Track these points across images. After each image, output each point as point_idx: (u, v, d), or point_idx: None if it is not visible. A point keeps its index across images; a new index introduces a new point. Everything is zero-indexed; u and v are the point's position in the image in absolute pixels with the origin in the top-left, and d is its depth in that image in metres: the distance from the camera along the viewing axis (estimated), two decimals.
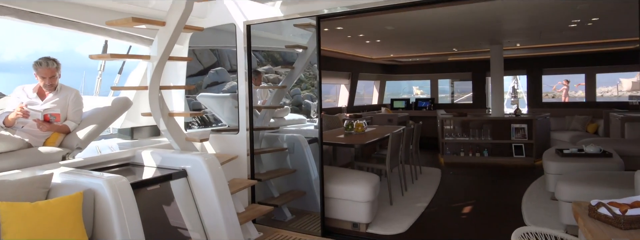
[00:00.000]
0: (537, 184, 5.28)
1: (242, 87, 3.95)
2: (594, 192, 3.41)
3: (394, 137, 4.48)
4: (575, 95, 16.99)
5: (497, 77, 7.13)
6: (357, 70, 9.24)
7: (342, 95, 9.39)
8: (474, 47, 7.47)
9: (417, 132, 5.83)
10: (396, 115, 8.29)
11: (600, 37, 6.52)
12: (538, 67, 9.16)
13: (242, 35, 3.92)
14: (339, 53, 7.74)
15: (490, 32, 5.80)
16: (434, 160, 7.35)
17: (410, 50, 7.82)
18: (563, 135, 7.89)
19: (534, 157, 6.89)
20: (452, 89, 11.49)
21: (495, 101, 7.18)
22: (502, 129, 7.02)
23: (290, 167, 4.41)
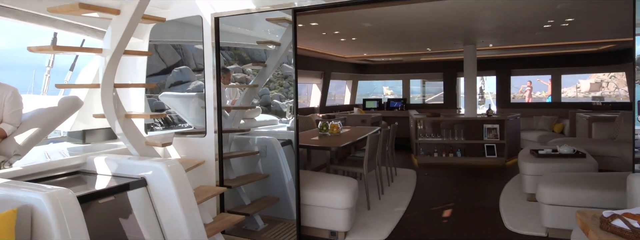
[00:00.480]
0: (511, 185, 5.25)
1: (209, 86, 3.61)
2: (576, 195, 3.35)
3: (371, 138, 4.29)
4: (538, 96, 17.64)
5: (470, 77, 7.13)
6: (330, 69, 9.03)
7: (314, 95, 9.14)
8: (448, 47, 7.44)
9: (393, 133, 5.68)
10: (369, 115, 8.14)
11: (568, 39, 6.64)
12: (507, 68, 9.29)
13: (209, 28, 3.59)
14: (311, 51, 7.49)
15: (466, 31, 5.75)
16: (407, 161, 7.26)
17: (384, 49, 7.69)
18: (531, 135, 8.03)
19: (506, 157, 6.94)
20: (424, 90, 11.52)
21: (468, 101, 7.18)
22: (475, 129, 7.02)
23: (263, 172, 4.11)
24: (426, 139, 7.22)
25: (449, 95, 9.89)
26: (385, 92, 17.75)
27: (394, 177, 5.74)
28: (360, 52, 8.15)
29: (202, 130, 3.64)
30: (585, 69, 8.73)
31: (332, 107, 9.69)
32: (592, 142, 5.84)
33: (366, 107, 10.32)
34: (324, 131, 5.32)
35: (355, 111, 9.52)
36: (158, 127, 8.61)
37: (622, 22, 5.29)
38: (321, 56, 8.31)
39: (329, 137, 5.05)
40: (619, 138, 5.74)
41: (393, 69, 10.32)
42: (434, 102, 13.24)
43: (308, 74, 8.50)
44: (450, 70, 9.77)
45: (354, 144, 4.72)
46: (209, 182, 3.58)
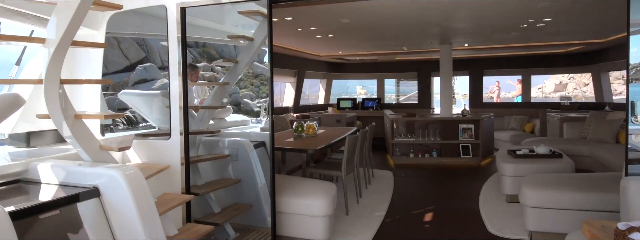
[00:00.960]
0: (489, 186, 5.19)
1: (174, 84, 3.27)
2: (560, 197, 3.26)
3: (350, 140, 4.07)
4: (506, 96, 18.10)
5: (446, 77, 7.07)
6: (304, 67, 8.78)
7: (287, 94, 8.86)
8: (424, 47, 7.36)
9: (370, 134, 5.51)
10: (344, 115, 7.96)
11: (541, 40, 6.69)
12: (479, 69, 9.37)
13: (174, 20, 3.24)
14: (285, 48, 7.21)
15: (443, 29, 5.65)
16: (383, 162, 7.12)
17: (360, 48, 7.52)
18: (503, 134, 8.10)
19: (481, 157, 6.92)
20: (398, 89, 11.48)
21: (444, 101, 7.12)
22: (450, 129, 6.96)
23: (233, 177, 3.81)
24: (402, 140, 7.11)
25: (423, 95, 9.86)
26: (358, 91, 17.68)
27: (371, 178, 5.56)
28: (336, 50, 7.95)
29: (167, 132, 3.30)
30: (554, 69, 8.92)
31: (306, 106, 9.44)
32: (564, 142, 5.89)
33: (341, 107, 10.14)
34: (300, 132, 5.06)
35: (330, 111, 9.31)
36: (121, 128, 8.10)
37: (596, 23, 5.37)
38: (295, 54, 8.04)
39: (304, 139, 4.80)
40: (590, 137, 5.81)
41: (368, 68, 10.20)
42: (407, 101, 13.26)
43: (281, 72, 8.21)
44: (424, 70, 9.76)
45: (331, 145, 4.49)
46: (174, 189, 3.24)
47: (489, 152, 7.30)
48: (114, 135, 4.02)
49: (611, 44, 6.88)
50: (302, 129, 5.05)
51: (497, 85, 15.57)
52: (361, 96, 11.99)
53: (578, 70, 8.58)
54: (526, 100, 9.20)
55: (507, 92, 16.09)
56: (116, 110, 5.47)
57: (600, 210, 3.12)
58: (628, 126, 2.45)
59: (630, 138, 2.48)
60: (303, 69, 8.74)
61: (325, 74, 9.99)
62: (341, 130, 5.77)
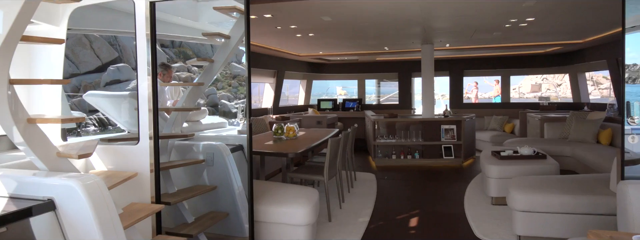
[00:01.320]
0: (473, 188, 5.12)
1: (143, 84, 3.01)
2: (549, 200, 3.18)
3: (333, 143, 3.90)
4: (484, 96, 18.33)
5: (427, 77, 7.00)
6: (283, 68, 8.57)
7: (266, 95, 8.63)
8: (406, 47, 7.27)
9: (353, 136, 5.35)
10: (325, 116, 7.79)
11: (521, 41, 6.71)
12: (460, 69, 9.38)
13: (143, 15, 2.99)
14: (264, 48, 6.99)
15: (425, 29, 5.55)
16: (365, 164, 6.98)
17: (341, 48, 7.37)
18: (484, 135, 8.11)
19: (463, 158, 6.88)
20: (379, 90, 11.41)
21: (426, 102, 7.05)
22: (432, 130, 6.90)
23: (209, 184, 3.57)
24: (384, 141, 6.99)
25: (404, 95, 9.81)
26: (338, 92, 17.57)
27: (353, 182, 5.41)
28: (316, 50, 7.78)
29: (135, 136, 3.04)
30: (532, 70, 9.01)
31: (285, 107, 9.23)
32: (546, 142, 5.89)
33: (321, 108, 9.97)
34: (279, 135, 4.86)
35: (310, 112, 9.13)
36: (92, 130, 7.58)
37: (576, 24, 5.38)
38: (274, 53, 7.82)
39: (284, 142, 4.60)
40: (571, 138, 5.83)
41: (348, 69, 10.07)
42: (387, 102, 13.22)
43: (260, 72, 7.98)
44: (405, 70, 9.70)
45: (312, 148, 4.30)
46: (142, 198, 2.99)
47: (471, 152, 7.27)
48: (79, 140, 3.73)
49: (588, 45, 6.96)
50: (282, 131, 4.85)
51: (475, 86, 15.75)
52: (342, 97, 11.88)
53: (555, 71, 8.70)
54: (505, 100, 9.26)
55: (484, 92, 16.32)
56: (88, 113, 5.13)
57: (591, 214, 3.06)
58: (624, 127, 2.36)
59: (627, 140, 2.39)
60: (282, 69, 8.53)
61: (305, 74, 9.81)
62: (322, 132, 5.60)
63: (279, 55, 8.04)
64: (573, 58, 8.00)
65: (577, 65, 8.03)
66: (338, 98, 10.26)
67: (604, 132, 5.50)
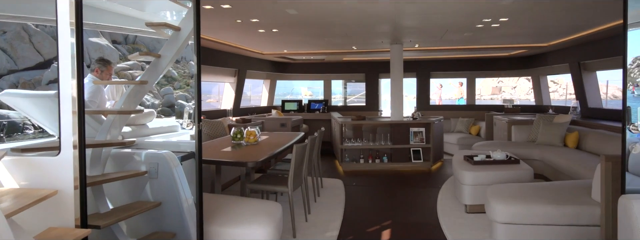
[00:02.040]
0: (445, 194, 4.88)
1: (65, 82, 2.46)
2: (532, 212, 2.94)
3: (298, 150, 3.49)
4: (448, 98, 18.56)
5: (396, 78, 6.75)
6: (245, 66, 8.05)
7: (226, 95, 8.07)
8: (375, 46, 6.98)
9: (319, 140, 4.97)
10: (289, 118, 7.36)
11: (491, 43, 6.61)
12: (427, 71, 9.26)
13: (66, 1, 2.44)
14: (224, 44, 6.46)
15: (396, 28, 5.27)
16: (332, 169, 6.63)
17: (307, 46, 6.97)
18: (450, 137, 8.00)
19: (432, 161, 6.69)
20: (345, 91, 11.12)
21: (394, 104, 6.79)
22: (401, 133, 6.66)
23: (152, 199, 3.05)
24: (351, 145, 6.67)
25: (371, 97, 9.57)
26: (303, 92, 17.16)
27: (320, 189, 5.02)
28: (280, 48, 7.33)
29: (55, 145, 2.49)
30: (497, 73, 9.03)
31: (247, 109, 8.71)
32: (514, 146, 5.79)
33: (285, 109, 9.53)
34: (238, 140, 4.38)
35: (274, 114, 8.67)
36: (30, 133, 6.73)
37: (546, 26, 5.29)
38: (235, 51, 7.30)
39: (244, 148, 4.13)
40: (539, 141, 5.75)
41: (314, 69, 9.70)
42: (354, 103, 12.98)
43: (220, 71, 7.43)
44: (372, 71, 9.47)
45: (275, 155, 3.87)
46: (64, 221, 2.44)
47: (439, 156, 7.11)
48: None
49: (552, 48, 6.99)
50: (242, 135, 4.38)
51: (439, 87, 15.88)
52: (307, 97, 11.49)
53: (519, 73, 8.77)
54: (470, 102, 9.24)
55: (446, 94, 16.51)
56: None
57: (576, 225, 2.84)
58: (624, 135, 2.12)
59: (629, 149, 2.15)
60: (244, 68, 8.02)
61: (268, 74, 9.33)
62: (286, 136, 5.17)
63: (240, 52, 7.52)
64: (536, 61, 8.07)
65: (540, 69, 8.10)
66: (303, 99, 9.85)
67: (571, 135, 5.46)
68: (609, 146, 4.81)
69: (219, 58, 7.11)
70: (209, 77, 7.17)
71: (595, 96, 6.64)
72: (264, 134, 5.34)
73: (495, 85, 18.39)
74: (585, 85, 6.60)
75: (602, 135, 5.07)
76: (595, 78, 6.63)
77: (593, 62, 6.41)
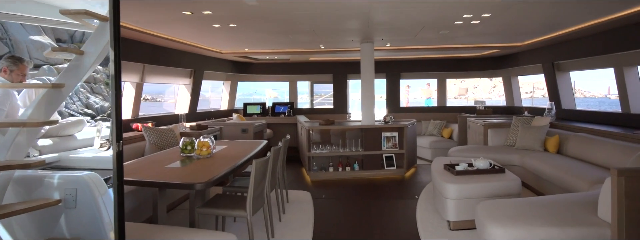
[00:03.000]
0: (423, 206, 4.45)
1: None
2: (534, 234, 2.52)
3: (259, 166, 2.90)
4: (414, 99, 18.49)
5: (367, 79, 6.28)
6: (202, 66, 7.33)
7: (181, 98, 7.31)
8: (344, 45, 6.48)
9: (284, 150, 4.40)
10: (252, 123, 6.71)
11: (466, 42, 6.29)
12: (396, 71, 8.90)
13: None
14: (176, 42, 5.74)
15: (368, 23, 4.78)
16: (299, 179, 6.06)
17: (270, 44, 6.36)
18: (422, 140, 7.66)
19: (405, 168, 6.28)
20: (312, 93, 10.57)
21: (366, 107, 6.32)
22: (373, 138, 6.20)
23: (69, 235, 2.38)
24: (320, 152, 6.14)
25: (339, 99, 9.09)
26: (268, 94, 16.47)
27: (285, 205, 4.45)
28: (240, 46, 6.68)
29: None
30: (468, 73, 8.80)
31: (205, 113, 7.97)
32: (492, 150, 5.46)
33: (247, 113, 8.86)
34: (188, 152, 3.73)
35: (235, 118, 7.99)
36: None
37: (524, 25, 5.01)
38: (191, 49, 6.58)
39: (194, 163, 3.48)
40: (518, 145, 5.46)
41: (279, 69, 9.09)
42: (321, 106, 12.48)
43: (173, 71, 6.67)
44: (340, 72, 9.00)
45: (232, 171, 3.25)
46: None
47: (412, 161, 6.72)
48: None
49: (525, 48, 6.79)
50: (192, 147, 3.73)
51: (407, 89, 15.73)
52: (271, 99, 10.85)
53: (490, 74, 8.58)
54: (441, 104, 8.97)
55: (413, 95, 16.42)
56: None
57: None
58: None
59: None
60: (201, 68, 7.29)
61: (228, 75, 8.62)
62: (247, 146, 4.55)
63: (196, 51, 6.80)
64: (507, 62, 7.89)
65: (511, 69, 7.93)
66: (267, 101, 9.21)
67: (551, 139, 5.20)
68: (593, 151, 4.56)
69: (171, 57, 6.37)
70: (159, 78, 6.40)
71: (569, 97, 6.48)
72: (221, 143, 4.70)
73: (460, 85, 18.56)
74: (559, 86, 6.42)
75: (584, 139, 4.83)
76: (568, 79, 6.48)
77: (567, 63, 6.24)
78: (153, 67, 6.04)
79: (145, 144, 4.77)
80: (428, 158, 7.62)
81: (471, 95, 27.43)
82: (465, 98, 24.29)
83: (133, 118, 5.84)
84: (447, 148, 7.47)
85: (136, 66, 5.69)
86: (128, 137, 4.82)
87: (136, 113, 5.94)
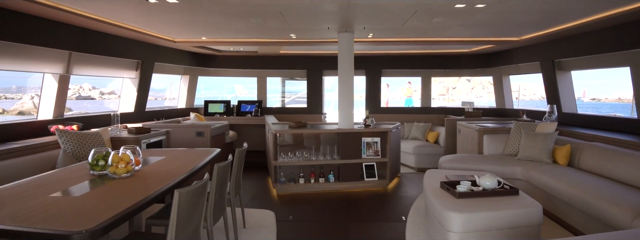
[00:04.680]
0: (414, 232, 3.58)
1: None
2: None
3: (185, 200, 1.91)
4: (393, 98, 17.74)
5: (345, 74, 5.35)
6: (152, 58, 6.22)
7: (126, 94, 6.18)
8: (319, 34, 5.51)
9: (240, 162, 3.41)
10: (209, 125, 5.66)
11: (459, 34, 5.46)
12: (377, 68, 8.04)
13: None
14: (116, 26, 4.62)
15: (348, 7, 3.85)
16: (263, 193, 5.09)
17: (231, 31, 5.32)
18: (405, 145, 6.83)
19: (388, 179, 5.41)
20: (284, 90, 9.58)
21: (343, 107, 5.40)
22: (352, 144, 5.29)
23: None
24: (289, 160, 5.18)
25: (314, 98, 8.14)
26: (239, 91, 15.30)
27: (240, 232, 3.48)
28: (195, 33, 5.61)
29: None
30: (455, 71, 8.03)
31: (157, 112, 6.85)
32: (490, 161, 4.66)
33: (209, 112, 7.79)
34: (100, 169, 2.69)
35: (193, 118, 6.91)
36: None
37: (529, 16, 4.22)
38: (136, 36, 5.47)
39: (104, 186, 2.44)
40: (521, 156, 4.67)
41: (246, 63, 8.05)
42: (294, 104, 11.51)
43: (113, 62, 5.55)
44: (315, 67, 8.05)
45: (150, 202, 2.23)
46: None
47: (396, 171, 5.86)
48: None
49: (521, 44, 6.04)
50: (105, 163, 2.68)
51: (386, 87, 14.93)
52: (238, 97, 9.77)
53: (480, 72, 7.83)
54: (425, 104, 8.17)
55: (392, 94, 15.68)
56: None
57: None
58: None
59: None
60: (151, 59, 6.18)
61: (187, 68, 7.52)
62: (190, 158, 3.52)
63: (143, 39, 5.70)
64: (499, 59, 7.15)
65: (503, 68, 7.20)
66: (232, 99, 8.14)
67: (562, 149, 4.42)
68: (612, 165, 3.81)
69: (110, 45, 5.24)
70: (93, 70, 5.27)
71: (570, 99, 5.78)
72: (157, 154, 3.66)
73: (439, 84, 17.97)
74: (560, 87, 5.70)
75: (600, 150, 4.07)
76: (570, 79, 5.77)
77: (569, 61, 5.52)
78: (83, 56, 4.90)
79: (59, 153, 3.68)
80: (411, 165, 6.80)
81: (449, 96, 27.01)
82: (445, 99, 23.75)
83: (55, 118, 4.69)
84: (433, 154, 6.69)
85: (59, 54, 4.55)
86: (37, 144, 3.71)
87: (60, 112, 4.79)
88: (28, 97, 28.93)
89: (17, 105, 27.22)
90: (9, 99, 32.12)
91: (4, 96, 33.17)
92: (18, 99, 30.06)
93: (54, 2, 3.64)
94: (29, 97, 29.13)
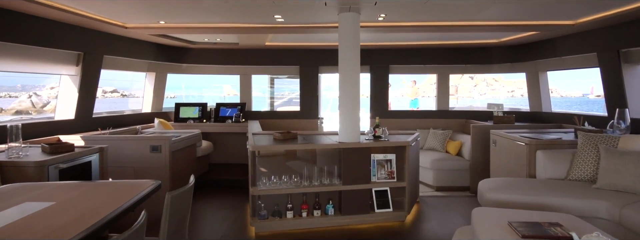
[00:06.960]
0: None
1: None
2: None
3: None
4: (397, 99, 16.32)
5: (349, 68, 3.96)
6: (100, 49, 4.84)
7: (65, 95, 4.79)
8: (313, 17, 4.11)
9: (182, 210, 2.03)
10: (169, 137, 4.27)
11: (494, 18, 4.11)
12: (384, 63, 6.69)
13: None
14: (48, 7, 3.23)
15: None
16: (236, 232, 3.72)
17: (197, 12, 3.91)
18: (421, 158, 5.44)
19: (407, 210, 4.06)
20: (272, 90, 8.20)
21: (347, 113, 4.01)
22: (358, 163, 3.93)
23: None
24: (273, 186, 3.81)
25: (308, 99, 6.77)
26: (226, 91, 13.78)
27: None
28: (152, 16, 4.24)
29: None
30: (479, 67, 6.69)
31: (110, 118, 5.45)
32: (556, 189, 3.29)
33: (181, 117, 6.40)
34: None
35: (157, 125, 5.53)
36: None
37: None
38: (75, 20, 4.10)
39: None
40: (602, 184, 3.30)
41: (226, 58, 6.67)
42: (284, 107, 10.17)
43: (42, 54, 4.17)
44: (309, 62, 6.69)
45: None
46: None
47: (415, 195, 4.52)
48: None
49: (575, 30, 4.70)
50: None
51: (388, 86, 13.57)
52: (218, 98, 8.35)
53: (510, 68, 6.48)
54: (442, 107, 6.82)
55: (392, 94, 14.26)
56: None
57: None
58: None
59: None
60: (97, 51, 4.80)
61: (151, 64, 6.13)
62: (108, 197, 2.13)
63: (86, 24, 4.33)
64: (536, 51, 5.81)
65: (541, 62, 5.86)
66: (209, 101, 6.74)
67: None
68: None
69: (37, 31, 3.87)
70: (12, 64, 3.89)
71: (638, 101, 4.45)
72: (45, 196, 2.26)
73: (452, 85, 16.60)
74: (627, 85, 4.38)
75: None
76: (638, 75, 4.44)
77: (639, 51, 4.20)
78: (9, 46, 3.56)
79: None
80: (429, 182, 5.49)
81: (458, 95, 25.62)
82: (456, 98, 22.29)
83: None
84: (456, 169, 5.36)
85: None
86: None
87: None
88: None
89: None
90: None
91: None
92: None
93: None
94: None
